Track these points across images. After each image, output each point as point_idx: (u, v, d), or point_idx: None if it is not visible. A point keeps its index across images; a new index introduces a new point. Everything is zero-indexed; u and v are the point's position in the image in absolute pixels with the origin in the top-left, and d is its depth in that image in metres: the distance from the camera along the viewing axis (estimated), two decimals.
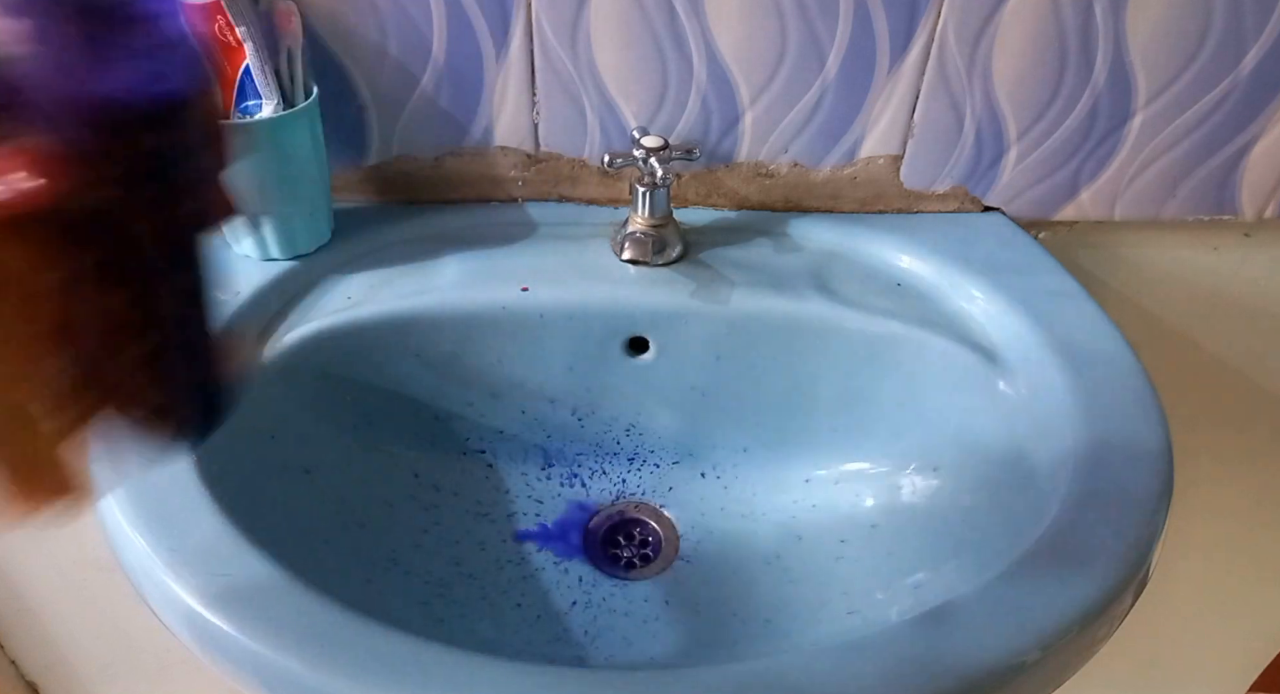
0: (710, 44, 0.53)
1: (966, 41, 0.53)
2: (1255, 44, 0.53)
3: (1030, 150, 0.58)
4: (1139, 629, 0.83)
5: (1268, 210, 0.61)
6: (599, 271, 0.56)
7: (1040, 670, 0.36)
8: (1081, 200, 0.61)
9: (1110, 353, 0.50)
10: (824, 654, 0.35)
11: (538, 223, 0.60)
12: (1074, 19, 0.52)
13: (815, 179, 0.60)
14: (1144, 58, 0.54)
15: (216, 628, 0.35)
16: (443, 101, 0.56)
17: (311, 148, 0.53)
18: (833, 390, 0.55)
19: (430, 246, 0.58)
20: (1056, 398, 0.48)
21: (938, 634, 0.36)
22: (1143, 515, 0.41)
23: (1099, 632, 0.38)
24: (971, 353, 0.52)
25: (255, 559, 0.38)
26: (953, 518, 0.49)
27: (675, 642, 0.47)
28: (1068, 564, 0.39)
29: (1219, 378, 0.73)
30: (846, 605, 0.48)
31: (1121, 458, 0.44)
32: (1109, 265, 0.65)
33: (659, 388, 0.56)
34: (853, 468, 0.55)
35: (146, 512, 0.39)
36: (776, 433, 0.56)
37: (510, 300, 0.54)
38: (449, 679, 0.34)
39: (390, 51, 0.54)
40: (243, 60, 0.50)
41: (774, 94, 0.56)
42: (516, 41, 0.54)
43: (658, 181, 0.54)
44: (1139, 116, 0.57)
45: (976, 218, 0.61)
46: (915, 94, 0.56)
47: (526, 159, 0.59)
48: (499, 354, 0.54)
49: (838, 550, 0.52)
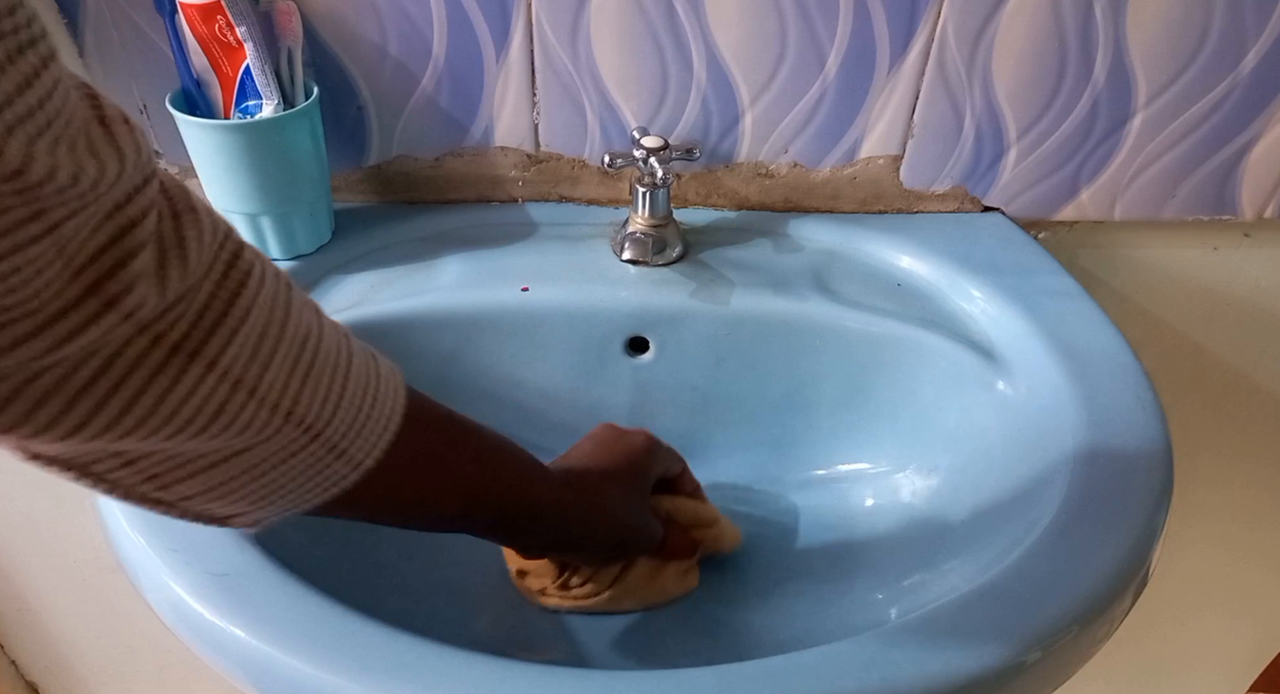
0: (710, 44, 0.54)
1: (966, 41, 0.53)
2: (1255, 44, 0.53)
3: (1030, 150, 0.58)
4: (1139, 629, 0.83)
5: (1268, 210, 0.61)
6: (599, 272, 0.56)
7: (1040, 670, 0.36)
8: (1081, 200, 0.61)
9: (1110, 353, 0.50)
10: (822, 655, 0.35)
11: (538, 223, 0.60)
12: (1074, 19, 0.52)
13: (815, 179, 0.60)
14: (1144, 58, 0.54)
15: (216, 627, 0.35)
16: (443, 101, 0.56)
17: (311, 148, 0.53)
18: (832, 390, 0.55)
19: (430, 246, 0.58)
20: (1056, 398, 0.48)
21: (937, 634, 0.36)
22: (1142, 515, 0.41)
23: (1099, 632, 0.38)
24: (971, 353, 0.52)
25: (255, 559, 0.38)
26: (952, 518, 0.49)
27: (674, 641, 0.47)
28: (1067, 564, 0.39)
29: (1219, 378, 0.73)
30: (846, 605, 0.48)
31: (1121, 458, 0.44)
32: (1109, 265, 0.65)
33: (659, 388, 0.56)
34: (852, 468, 0.55)
35: (146, 512, 0.39)
36: (776, 433, 0.56)
37: (510, 300, 0.54)
38: (449, 678, 0.34)
39: (390, 51, 0.54)
40: (243, 60, 0.50)
41: (774, 94, 0.56)
42: (517, 42, 0.54)
43: (658, 182, 0.54)
44: (1139, 116, 0.57)
45: (976, 218, 0.61)
46: (915, 94, 0.56)
47: (526, 159, 0.59)
48: (499, 354, 0.54)
49: (837, 550, 0.51)
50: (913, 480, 0.53)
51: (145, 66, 0.53)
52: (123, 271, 0.21)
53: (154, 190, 0.22)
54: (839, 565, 0.51)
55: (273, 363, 0.25)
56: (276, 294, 0.26)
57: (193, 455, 0.25)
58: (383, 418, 0.30)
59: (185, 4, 0.48)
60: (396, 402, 0.30)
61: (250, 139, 0.50)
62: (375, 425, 0.29)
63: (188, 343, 0.23)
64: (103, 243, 0.20)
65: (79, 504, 0.77)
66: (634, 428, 0.47)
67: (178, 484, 0.26)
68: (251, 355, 0.24)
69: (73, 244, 0.19)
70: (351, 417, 0.28)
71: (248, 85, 0.51)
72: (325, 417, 0.27)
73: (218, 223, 0.25)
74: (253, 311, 0.25)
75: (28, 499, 0.77)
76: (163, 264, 0.22)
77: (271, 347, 0.25)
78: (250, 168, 0.51)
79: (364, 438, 0.29)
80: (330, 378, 0.27)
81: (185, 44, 0.50)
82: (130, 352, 0.22)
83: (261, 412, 0.25)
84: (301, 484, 0.28)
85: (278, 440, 0.26)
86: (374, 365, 0.30)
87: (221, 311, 0.24)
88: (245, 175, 0.51)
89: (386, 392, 0.30)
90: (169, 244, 0.22)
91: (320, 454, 0.27)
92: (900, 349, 0.53)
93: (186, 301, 0.23)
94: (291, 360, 0.26)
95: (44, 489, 0.76)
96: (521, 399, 0.56)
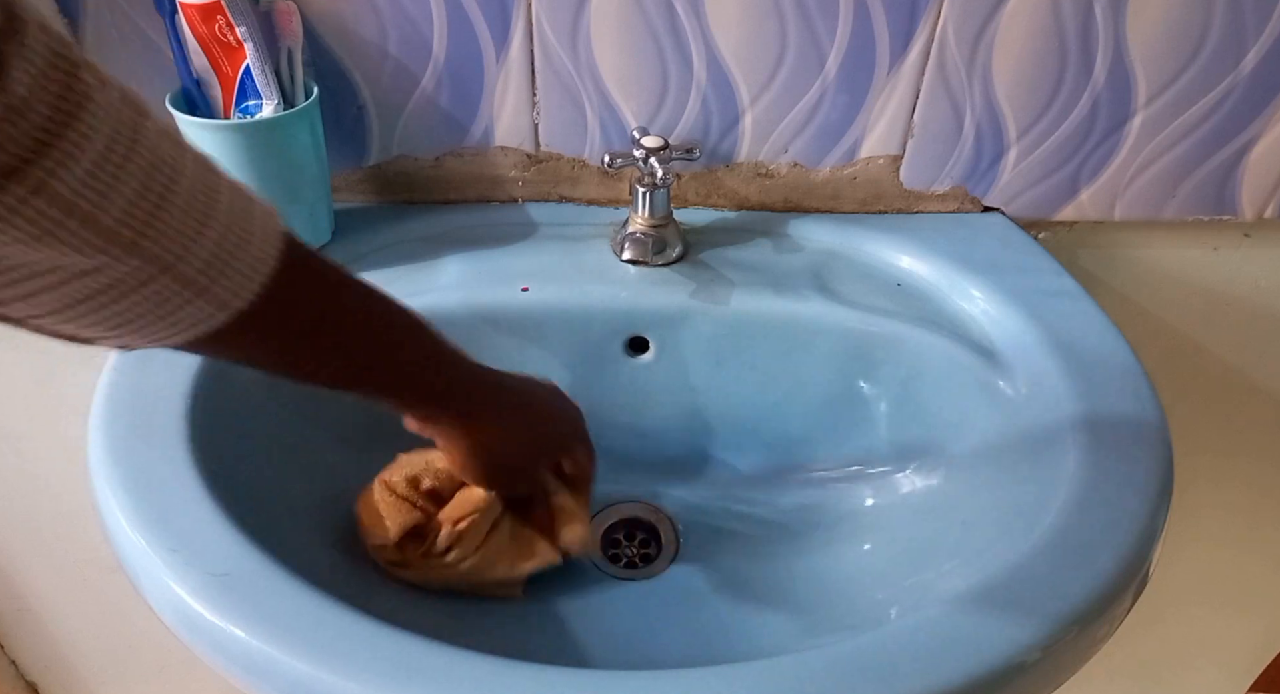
0: (710, 44, 0.54)
1: (966, 41, 0.53)
2: (1255, 44, 0.53)
3: (1030, 150, 0.58)
4: (1139, 628, 0.83)
5: (1268, 210, 0.61)
6: (599, 271, 0.56)
7: (1040, 670, 0.36)
8: (1081, 200, 0.61)
9: (1110, 353, 0.50)
10: (822, 655, 0.35)
11: (538, 223, 0.60)
12: (1074, 19, 0.52)
13: (815, 179, 0.60)
14: (1144, 58, 0.54)
15: (216, 627, 0.36)
16: (443, 101, 0.56)
17: (311, 148, 0.53)
18: (832, 390, 0.55)
19: (430, 246, 0.58)
20: (1056, 397, 0.48)
21: (937, 634, 0.36)
22: (1142, 515, 0.41)
23: (1099, 632, 0.38)
24: (971, 352, 0.52)
25: (255, 559, 0.38)
26: (952, 518, 0.49)
27: (675, 641, 0.47)
28: (1067, 564, 0.39)
29: (1219, 377, 0.73)
30: (846, 605, 0.48)
31: (1121, 457, 0.44)
32: (1109, 265, 0.65)
33: (659, 388, 0.56)
34: (852, 468, 0.55)
35: (146, 512, 0.39)
36: (776, 432, 0.56)
37: (510, 300, 0.54)
38: (450, 678, 0.34)
39: (390, 51, 0.54)
40: (243, 60, 0.50)
41: (774, 94, 0.56)
42: (517, 42, 0.54)
43: (658, 182, 0.54)
44: (1139, 116, 0.57)
45: (976, 218, 0.61)
46: (915, 94, 0.56)
47: (526, 159, 0.59)
48: (499, 354, 0.54)
49: (837, 550, 0.51)
50: (913, 480, 0.53)
51: (145, 66, 0.53)
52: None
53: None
54: (839, 565, 0.50)
55: (112, 192, 0.24)
56: (121, 120, 0.25)
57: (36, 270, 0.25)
58: (252, 260, 0.29)
59: (185, 4, 0.48)
60: (269, 246, 0.29)
61: (250, 139, 0.50)
62: (242, 266, 0.28)
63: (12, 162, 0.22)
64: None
65: (79, 504, 0.77)
66: (574, 401, 0.48)
67: (18, 302, 0.25)
68: (85, 181, 0.24)
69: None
70: (210, 254, 0.27)
71: (248, 85, 0.51)
72: (175, 251, 0.26)
73: (54, 39, 0.23)
74: (91, 137, 0.24)
75: (28, 499, 0.77)
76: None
77: (112, 174, 0.24)
78: (250, 168, 0.51)
79: (229, 278, 0.28)
80: (184, 212, 0.26)
81: (185, 44, 0.50)
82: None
83: (96, 238, 0.24)
84: (161, 317, 0.28)
85: (120, 268, 0.26)
86: (250, 207, 0.29)
87: (52, 132, 0.23)
88: (245, 175, 0.51)
89: (260, 235, 0.29)
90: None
91: (176, 289, 0.27)
92: (900, 349, 0.53)
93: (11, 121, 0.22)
94: (135, 191, 0.25)
95: (44, 489, 0.76)
96: None
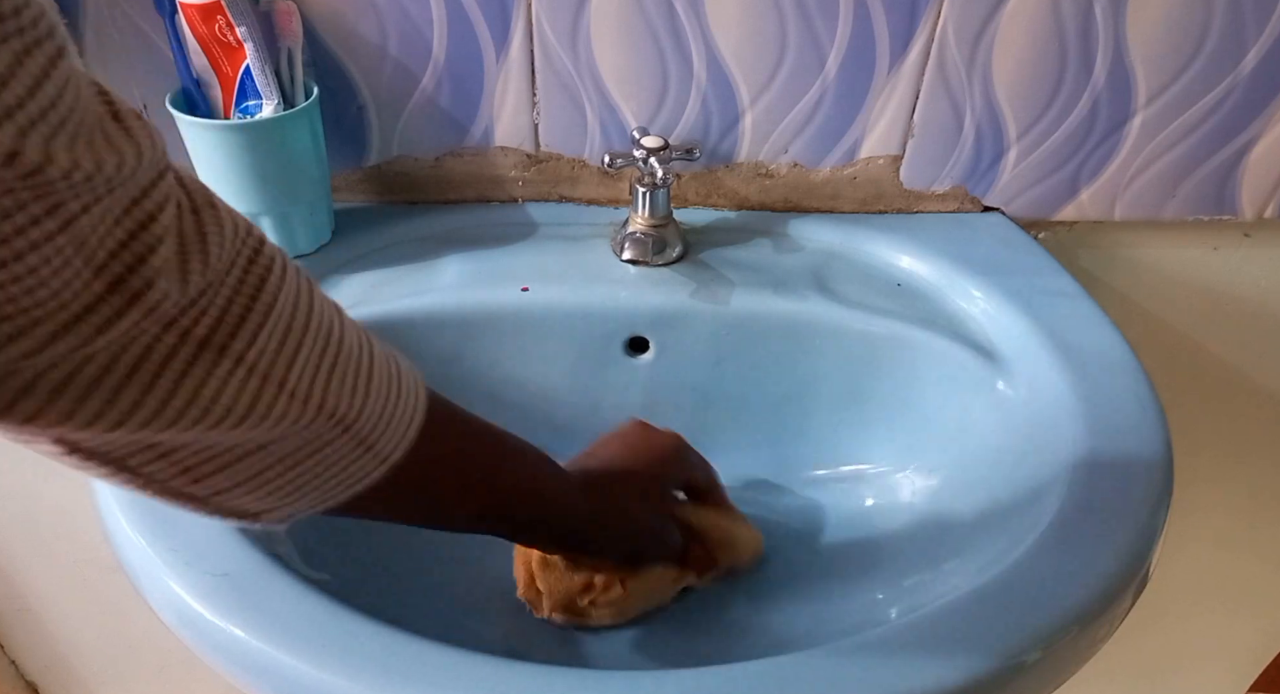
0: (710, 44, 0.54)
1: (966, 41, 0.53)
2: (1255, 44, 0.53)
3: (1030, 150, 0.58)
4: (1139, 628, 0.83)
5: (1268, 210, 0.61)
6: (599, 272, 0.56)
7: (1040, 670, 0.36)
8: (1081, 200, 0.61)
9: (1110, 353, 0.50)
10: (823, 654, 0.35)
11: (538, 223, 0.60)
12: (1074, 19, 0.52)
13: (815, 179, 0.60)
14: (1144, 58, 0.54)
15: (216, 627, 0.35)
16: (443, 101, 0.56)
17: (311, 148, 0.53)
18: (832, 390, 0.55)
19: (430, 246, 0.58)
20: (1056, 398, 0.48)
21: (938, 634, 0.36)
22: (1142, 515, 0.41)
23: (1099, 632, 0.38)
24: (971, 353, 0.52)
25: (255, 559, 0.38)
26: (952, 517, 0.49)
27: (675, 641, 0.47)
28: (1067, 564, 0.39)
29: (1219, 377, 0.73)
30: (846, 605, 0.48)
31: (1121, 457, 0.44)
32: (1109, 265, 0.65)
33: (659, 388, 0.56)
34: (852, 468, 0.55)
35: (146, 512, 0.39)
36: (776, 433, 0.56)
37: (510, 300, 0.54)
38: (449, 678, 0.34)
39: (390, 51, 0.54)
40: (243, 60, 0.50)
41: (774, 94, 0.56)
42: (517, 42, 0.54)
43: (658, 182, 0.54)
44: (1139, 116, 0.57)
45: (976, 218, 0.61)
46: (915, 94, 0.56)
47: (526, 159, 0.59)
48: (499, 354, 0.54)
49: (837, 550, 0.51)
50: (913, 480, 0.53)
51: (145, 66, 0.53)
52: (143, 267, 0.21)
53: (170, 183, 0.22)
54: (839, 565, 0.50)
55: (299, 357, 0.25)
56: (299, 289, 0.26)
57: (227, 446, 0.25)
58: (407, 412, 0.30)
59: (185, 4, 0.48)
60: (419, 397, 0.31)
61: (250, 139, 0.50)
62: (401, 419, 0.30)
63: (215, 338, 0.23)
64: (122, 238, 0.20)
65: (79, 504, 0.77)
66: (665, 429, 0.46)
67: (210, 477, 0.26)
68: (278, 349, 0.25)
69: (91, 240, 0.19)
70: (379, 410, 0.29)
71: (248, 85, 0.51)
72: (355, 409, 0.27)
73: (238, 218, 0.25)
74: (276, 306, 0.25)
75: (28, 499, 0.77)
76: (184, 259, 0.22)
77: (297, 341, 0.25)
78: (250, 168, 0.51)
79: (391, 431, 0.29)
80: (355, 371, 0.28)
81: (185, 44, 0.50)
82: (161, 347, 0.22)
83: (293, 406, 0.25)
84: (330, 477, 0.28)
85: (310, 431, 0.27)
86: (394, 362, 0.31)
87: (246, 306, 0.24)
88: (245, 175, 0.51)
89: (409, 387, 0.31)
90: (189, 238, 0.22)
91: (350, 447, 0.28)
92: (900, 349, 0.53)
93: (209, 296, 0.23)
94: (318, 354, 0.26)
95: (44, 489, 0.76)
96: (521, 399, 0.56)
